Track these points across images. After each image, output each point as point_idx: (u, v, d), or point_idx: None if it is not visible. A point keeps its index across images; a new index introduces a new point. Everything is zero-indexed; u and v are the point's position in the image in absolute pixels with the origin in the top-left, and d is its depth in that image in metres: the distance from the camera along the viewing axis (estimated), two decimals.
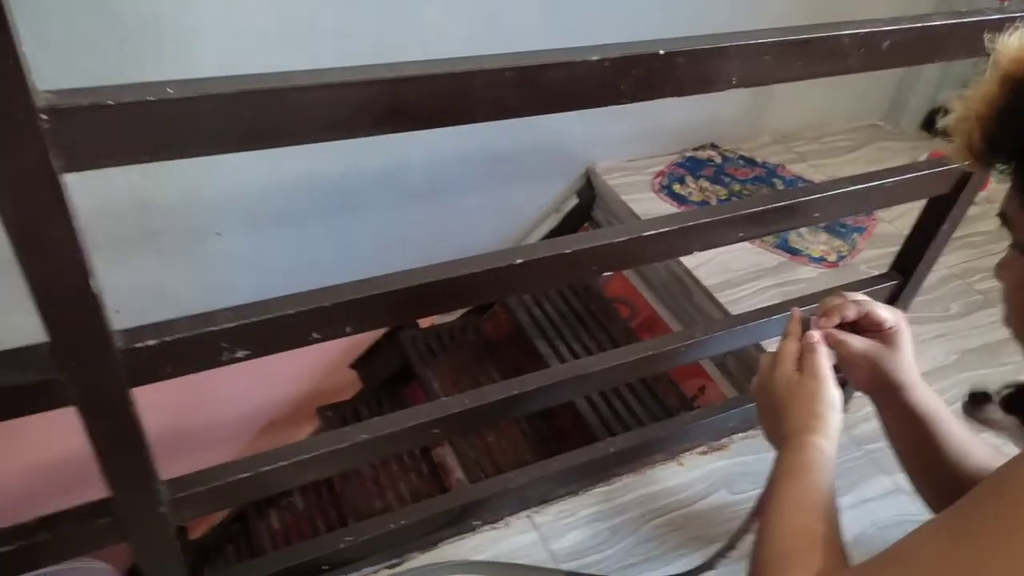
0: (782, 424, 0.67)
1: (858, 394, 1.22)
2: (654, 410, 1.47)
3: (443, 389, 1.72)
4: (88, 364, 0.55)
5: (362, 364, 1.97)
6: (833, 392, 0.67)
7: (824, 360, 0.69)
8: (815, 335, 0.70)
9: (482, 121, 0.57)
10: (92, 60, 1.16)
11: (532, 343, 1.61)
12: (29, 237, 0.46)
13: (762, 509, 0.64)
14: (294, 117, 0.51)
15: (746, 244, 1.54)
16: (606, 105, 0.61)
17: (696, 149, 1.82)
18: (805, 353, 0.69)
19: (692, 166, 1.76)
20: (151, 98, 0.46)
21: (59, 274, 0.49)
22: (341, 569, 0.94)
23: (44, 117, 0.43)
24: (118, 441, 0.61)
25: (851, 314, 0.72)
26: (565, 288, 1.73)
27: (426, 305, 0.69)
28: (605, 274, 1.76)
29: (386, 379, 1.97)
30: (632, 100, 0.61)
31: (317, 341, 0.66)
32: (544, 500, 1.07)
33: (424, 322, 1.90)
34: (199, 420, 1.78)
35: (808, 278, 1.49)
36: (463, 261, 0.68)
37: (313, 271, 1.26)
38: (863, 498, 1.11)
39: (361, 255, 1.67)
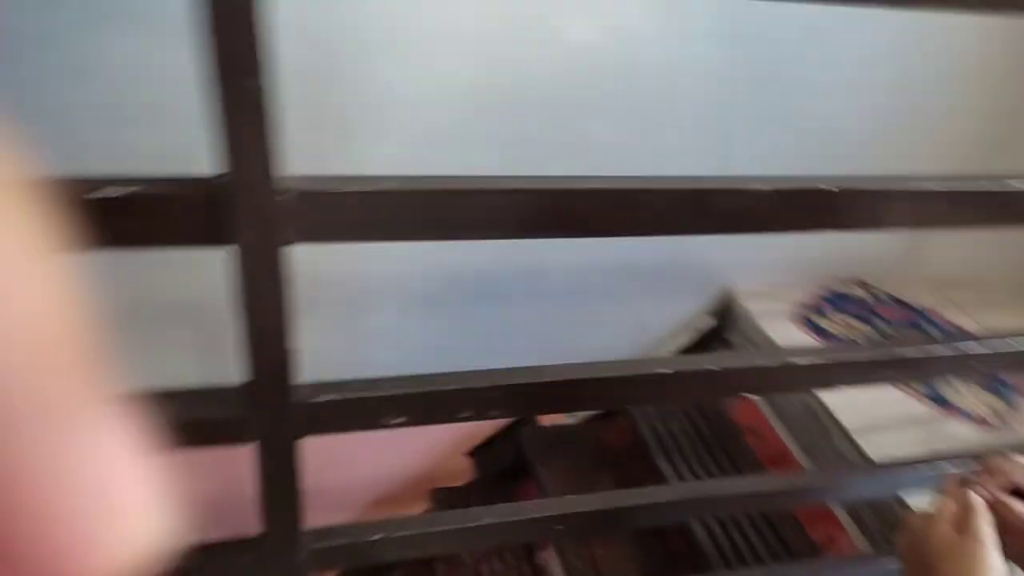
0: None
1: None
2: (776, 550, 1.39)
3: (556, 491, 1.71)
4: (275, 408, 0.62)
5: (478, 453, 2.00)
6: (996, 559, 0.63)
7: (987, 523, 0.65)
8: (978, 496, 0.67)
9: (644, 235, 0.62)
10: (291, 149, 1.33)
11: (652, 458, 1.59)
12: (254, 295, 0.54)
13: None
14: (484, 215, 0.57)
15: (893, 389, 1.48)
16: (769, 232, 0.64)
17: (843, 283, 1.78)
18: (968, 514, 0.66)
19: (837, 300, 1.73)
20: (374, 189, 0.53)
21: (268, 328, 0.57)
22: None
23: (280, 197, 0.51)
24: (280, 483, 0.67)
25: (1019, 478, 0.68)
26: (692, 408, 1.71)
27: (570, 401, 0.72)
28: (734, 399, 1.73)
29: (499, 472, 1.98)
30: (795, 231, 0.64)
31: (466, 420, 0.70)
32: None
33: (544, 420, 1.92)
34: (315, 483, 1.87)
35: (960, 436, 1.39)
36: (613, 363, 0.71)
37: (449, 356, 1.33)
38: None
39: (497, 349, 1.73)
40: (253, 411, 0.61)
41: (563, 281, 1.70)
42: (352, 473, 2.01)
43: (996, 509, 0.67)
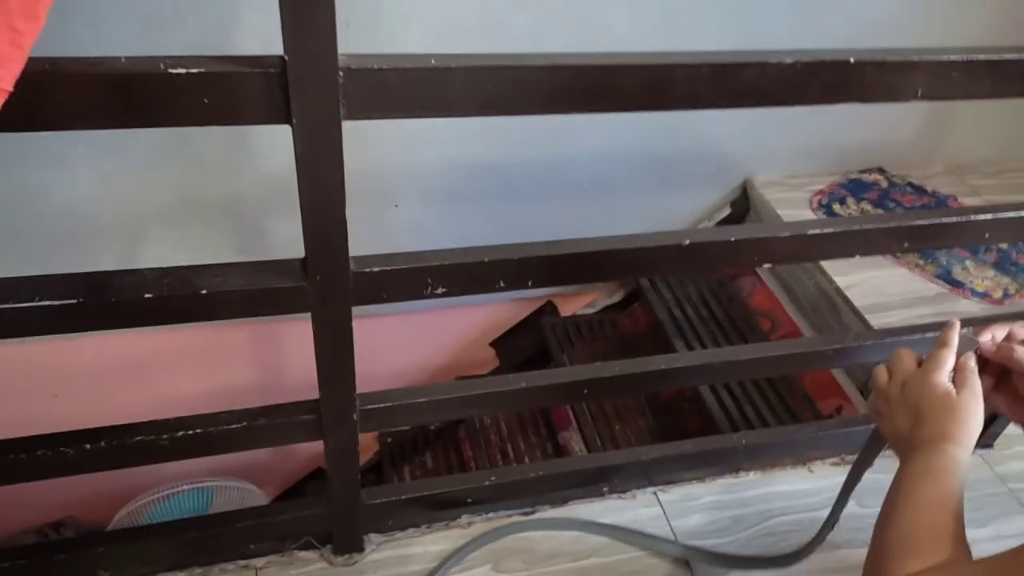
0: (923, 428, 0.69)
1: (1008, 431, 1.20)
2: (786, 422, 1.48)
3: None
4: (329, 278, 0.68)
5: (501, 343, 2.09)
6: (982, 417, 0.69)
7: (977, 380, 0.70)
8: (973, 359, 0.71)
9: (677, 109, 0.65)
10: None
11: (669, 342, 1.66)
12: (311, 166, 0.59)
13: (889, 503, 0.67)
14: (524, 91, 0.61)
15: (903, 269, 1.52)
16: (792, 105, 0.67)
17: (862, 171, 1.80)
18: (966, 371, 0.70)
19: (855, 188, 1.75)
20: (423, 66, 0.57)
21: (324, 199, 0.61)
22: (482, 505, 1.04)
23: (341, 74, 0.55)
24: (335, 349, 0.74)
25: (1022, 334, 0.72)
26: (707, 293, 1.77)
27: (596, 271, 0.77)
28: (750, 285, 1.78)
29: (522, 361, 2.08)
30: (817, 103, 0.67)
31: (502, 290, 0.76)
32: (670, 481, 1.13)
33: (565, 310, 2.00)
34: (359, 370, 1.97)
35: (968, 312, 1.45)
36: (636, 236, 0.76)
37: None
38: (1000, 534, 1.09)
39: (518, 238, 1.78)
40: (310, 281, 0.67)
41: (583, 175, 1.73)
42: (382, 366, 2.11)
43: (1005, 358, 0.72)
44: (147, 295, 0.64)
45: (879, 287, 1.48)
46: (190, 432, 0.77)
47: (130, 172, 1.37)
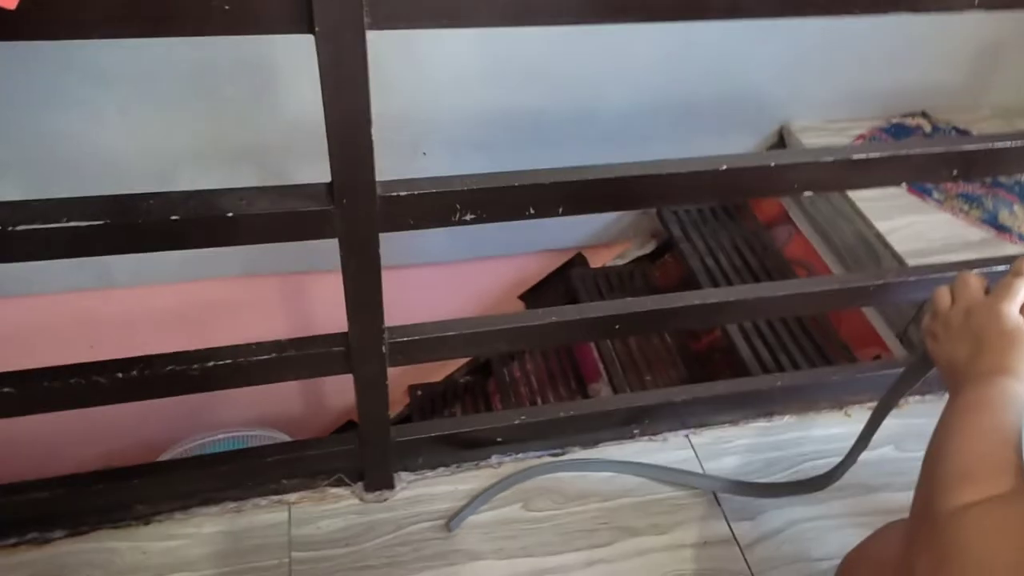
0: (983, 359, 0.65)
1: None
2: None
3: None
4: (354, 203, 0.66)
5: (531, 296, 2.08)
6: None
7: None
8: None
9: (714, 18, 0.62)
10: None
11: None
12: (337, 79, 0.57)
13: (940, 434, 0.64)
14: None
15: (946, 214, 1.47)
16: (838, 14, 0.63)
17: (904, 116, 1.73)
18: None
19: (897, 133, 1.69)
20: None
21: (350, 115, 0.60)
22: (512, 445, 1.04)
23: None
24: (362, 277, 0.73)
25: None
26: (741, 242, 1.73)
27: (630, 198, 0.75)
28: (786, 235, 1.74)
29: None
30: (864, 12, 0.63)
31: (532, 217, 0.74)
32: (703, 424, 1.11)
33: (595, 262, 1.97)
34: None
35: (1016, 256, 1.39)
36: (673, 161, 0.73)
37: None
38: None
39: None
40: (336, 205, 0.66)
41: (615, 123, 1.69)
42: (410, 318, 2.12)
43: None
44: (173, 217, 0.63)
45: (921, 232, 1.43)
46: (220, 363, 0.77)
47: (157, 117, 1.37)
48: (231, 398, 2.11)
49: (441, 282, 1.99)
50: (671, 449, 1.08)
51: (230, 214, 0.64)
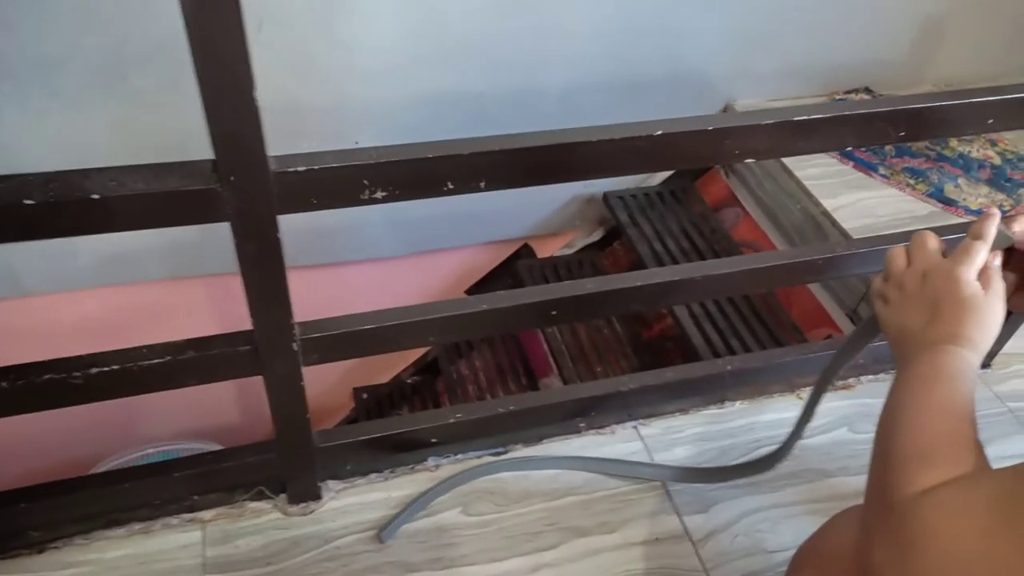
0: (937, 327, 0.60)
1: (1007, 349, 1.13)
2: None
3: None
4: (244, 179, 0.58)
5: (476, 290, 2.01)
6: (1001, 323, 0.61)
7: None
8: (999, 258, 0.63)
9: None
10: None
11: None
12: (206, 42, 0.49)
13: (892, 409, 0.59)
14: None
15: (893, 189, 1.44)
16: None
17: (848, 92, 1.71)
18: (992, 270, 0.62)
19: None
20: None
21: (227, 82, 0.52)
22: (450, 446, 0.97)
23: None
24: (262, 266, 0.65)
25: None
26: (689, 226, 1.69)
27: (562, 168, 0.68)
28: (734, 216, 1.70)
29: None
30: None
31: (450, 193, 0.67)
32: (652, 414, 1.06)
33: (542, 252, 1.91)
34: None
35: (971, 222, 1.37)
36: (606, 127, 0.67)
37: None
38: (1001, 455, 1.02)
39: None
40: (223, 183, 0.58)
41: (556, 106, 1.63)
42: (356, 309, 2.03)
43: None
44: (27, 201, 0.55)
45: (869, 209, 1.40)
46: (106, 369, 0.68)
47: (61, 112, 1.26)
48: (163, 410, 1.99)
49: (384, 279, 1.90)
50: (619, 442, 1.02)
51: (96, 196, 0.56)
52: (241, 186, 0.59)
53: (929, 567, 0.45)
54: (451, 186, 0.66)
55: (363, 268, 1.78)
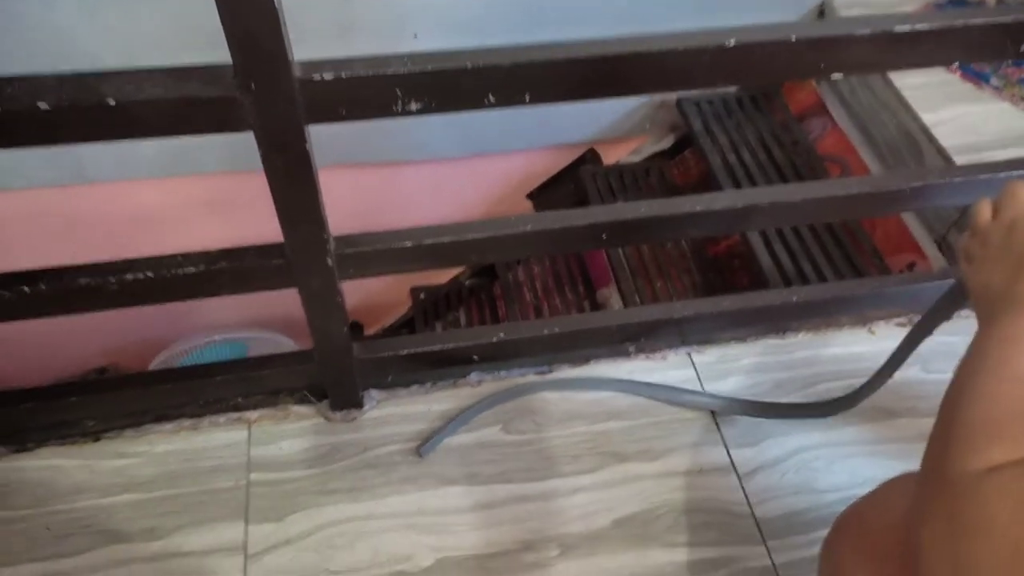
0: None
1: None
2: (850, 280, 1.32)
3: None
4: (266, 87, 0.54)
5: (539, 195, 1.95)
6: None
7: None
8: None
9: None
10: None
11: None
12: None
13: (964, 373, 0.52)
14: None
15: (1004, 103, 1.29)
16: None
17: None
18: None
19: (954, 7, 1.47)
20: None
21: None
22: (492, 363, 0.95)
23: None
24: (292, 179, 0.62)
25: None
26: (769, 136, 1.56)
27: (616, 81, 0.61)
28: (820, 127, 1.56)
29: None
30: None
31: (492, 107, 0.61)
32: (707, 341, 1.01)
33: (608, 158, 1.82)
34: (381, 224, 1.87)
35: None
36: (668, 36, 0.59)
37: None
38: None
39: None
40: (244, 90, 0.54)
41: (631, 1, 1.50)
42: (412, 217, 2.01)
43: None
44: (41, 104, 0.52)
45: (972, 125, 1.25)
46: (140, 276, 0.67)
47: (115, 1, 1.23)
48: (233, 297, 2.06)
49: (443, 180, 1.86)
50: (670, 368, 0.98)
51: (112, 101, 0.53)
52: (263, 94, 0.54)
53: (982, 558, 0.41)
54: (492, 99, 0.60)
55: (419, 168, 1.74)
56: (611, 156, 1.85)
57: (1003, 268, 0.54)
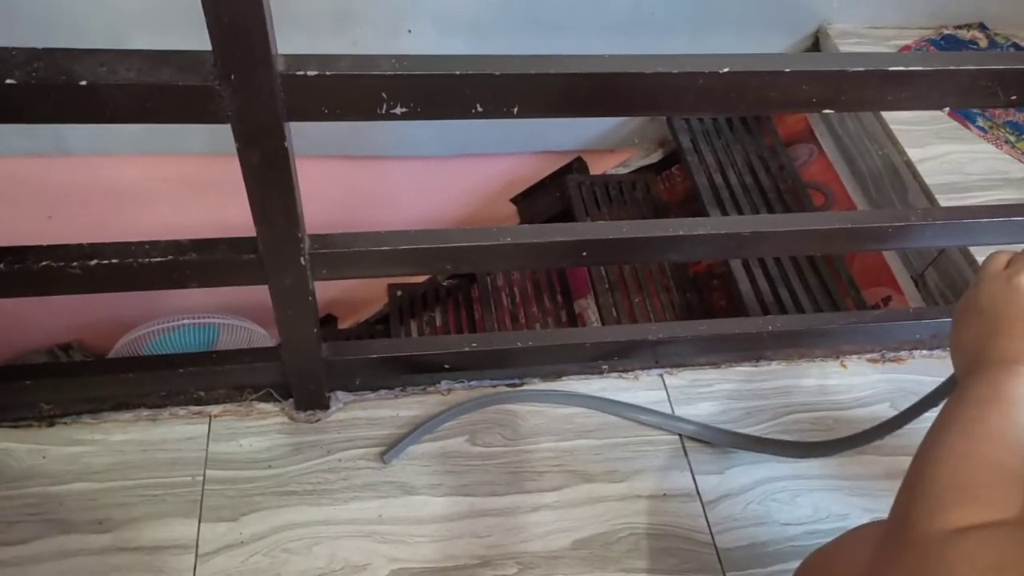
0: (999, 341, 0.53)
1: None
2: (824, 310, 1.33)
3: None
4: (247, 79, 0.52)
5: (523, 200, 1.94)
6: None
7: None
8: None
9: None
10: None
11: (704, 211, 1.49)
12: None
13: (937, 430, 0.52)
14: None
15: (988, 145, 1.30)
16: None
17: (958, 27, 1.52)
18: None
19: (948, 46, 1.48)
20: None
21: None
22: (462, 373, 0.93)
23: None
24: (268, 176, 0.60)
25: None
26: (756, 160, 1.56)
27: (605, 100, 0.60)
28: (807, 154, 1.57)
29: (544, 220, 1.92)
30: None
31: (479, 116, 0.60)
32: (681, 364, 1.00)
33: (595, 168, 1.82)
34: (363, 217, 1.84)
35: None
36: (663, 58, 0.58)
37: None
38: None
39: None
40: (223, 81, 0.52)
41: (628, 8, 1.49)
42: (395, 213, 1.99)
43: None
44: (8, 80, 0.50)
45: (958, 164, 1.26)
46: (105, 262, 0.65)
47: None
48: None
49: (428, 178, 1.84)
50: (641, 388, 0.98)
51: (84, 83, 0.51)
52: (243, 86, 0.53)
53: None
54: (480, 109, 0.59)
55: (406, 164, 1.72)
56: (598, 166, 1.84)
57: (985, 326, 0.54)
